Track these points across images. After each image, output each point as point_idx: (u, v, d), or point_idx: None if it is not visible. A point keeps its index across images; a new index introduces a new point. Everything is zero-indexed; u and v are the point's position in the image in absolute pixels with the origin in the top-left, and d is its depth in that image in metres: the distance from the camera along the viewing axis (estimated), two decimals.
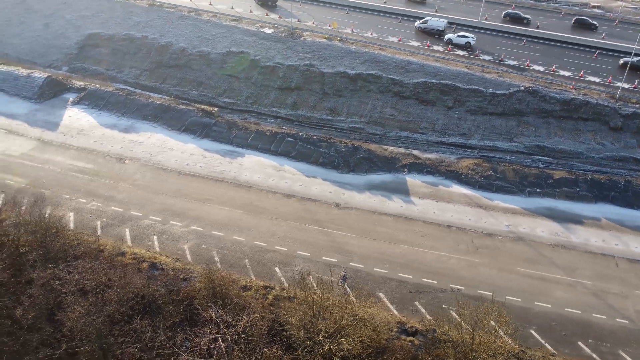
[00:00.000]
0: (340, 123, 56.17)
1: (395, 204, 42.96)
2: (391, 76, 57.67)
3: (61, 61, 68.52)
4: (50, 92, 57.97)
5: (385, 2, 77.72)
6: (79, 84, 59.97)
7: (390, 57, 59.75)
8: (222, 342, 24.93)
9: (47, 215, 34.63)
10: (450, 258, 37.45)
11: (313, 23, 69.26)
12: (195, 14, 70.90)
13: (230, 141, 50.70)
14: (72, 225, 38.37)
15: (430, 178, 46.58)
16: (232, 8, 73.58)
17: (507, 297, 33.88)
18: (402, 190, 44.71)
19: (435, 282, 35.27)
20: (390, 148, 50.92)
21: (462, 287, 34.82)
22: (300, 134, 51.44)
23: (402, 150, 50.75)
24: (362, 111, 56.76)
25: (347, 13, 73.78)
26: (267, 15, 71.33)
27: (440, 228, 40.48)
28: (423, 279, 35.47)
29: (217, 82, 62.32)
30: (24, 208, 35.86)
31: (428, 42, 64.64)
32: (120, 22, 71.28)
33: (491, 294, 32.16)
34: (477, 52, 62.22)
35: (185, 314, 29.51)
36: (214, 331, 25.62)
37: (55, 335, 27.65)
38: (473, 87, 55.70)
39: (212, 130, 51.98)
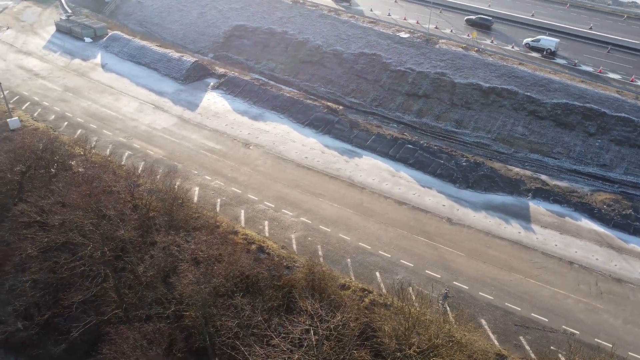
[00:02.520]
0: (464, 136, 53.92)
1: (513, 229, 40.15)
2: (528, 93, 53.99)
3: (208, 48, 74.42)
4: (195, 76, 63.21)
5: (532, 15, 72.92)
6: (221, 70, 64.56)
7: (530, 74, 55.93)
8: (314, 334, 25.21)
9: (176, 187, 37.80)
10: (568, 297, 34.09)
11: (451, 31, 67.26)
12: (334, 13, 72.60)
13: (350, 140, 51.15)
14: (195, 199, 41.45)
15: (557, 207, 42.81)
16: (371, 10, 74.10)
17: (630, 353, 30.01)
18: (523, 216, 41.64)
19: (546, 320, 32.34)
20: (516, 169, 47.70)
21: (577, 332, 31.52)
22: (422, 142, 50.28)
23: (528, 173, 47.27)
24: (491, 127, 53.89)
25: (491, 24, 70.44)
26: (404, 19, 70.74)
27: (560, 263, 37.03)
28: (533, 314, 32.72)
29: (346, 81, 63.25)
30: (158, 177, 39.51)
31: (575, 62, 59.46)
32: (264, 16, 75.44)
33: (611, 345, 28.67)
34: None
35: (284, 300, 30.39)
36: (307, 322, 26.00)
37: (167, 296, 30.06)
38: (623, 115, 50.09)
39: (334, 127, 52.88)
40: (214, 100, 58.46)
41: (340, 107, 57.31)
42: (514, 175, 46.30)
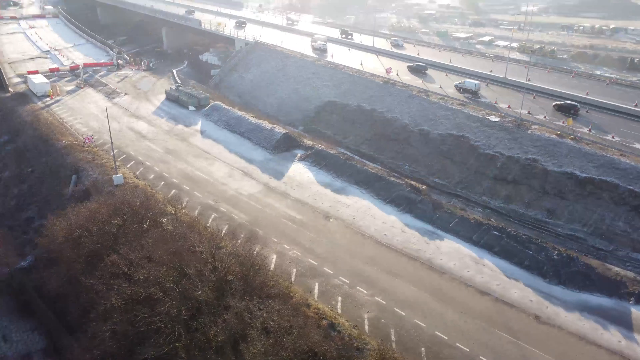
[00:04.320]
0: (557, 227, 50.63)
1: (613, 337, 35.96)
2: (631, 187, 50.18)
3: (299, 121, 78.02)
4: (284, 146, 66.02)
5: (636, 105, 69.30)
6: (309, 143, 66.97)
7: (634, 166, 52.25)
8: None
9: (255, 252, 38.46)
10: None
11: (545, 117, 65.42)
12: (424, 94, 73.76)
13: (432, 221, 49.85)
14: (272, 267, 41.79)
15: None
16: (460, 91, 74.47)
17: None
18: (624, 323, 37.29)
19: None
20: (616, 269, 43.44)
21: None
22: (509, 229, 47.77)
23: (631, 274, 42.80)
24: (587, 219, 50.28)
25: (587, 112, 67.86)
26: (495, 103, 70.15)
27: None
28: None
29: (431, 161, 62.88)
30: (239, 241, 40.57)
31: None
32: (355, 94, 78.34)
33: None
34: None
35: None
36: None
37: None
38: None
39: (416, 206, 52.03)
40: (299, 171, 60.26)
41: (424, 187, 56.59)
42: (614, 275, 42.15)
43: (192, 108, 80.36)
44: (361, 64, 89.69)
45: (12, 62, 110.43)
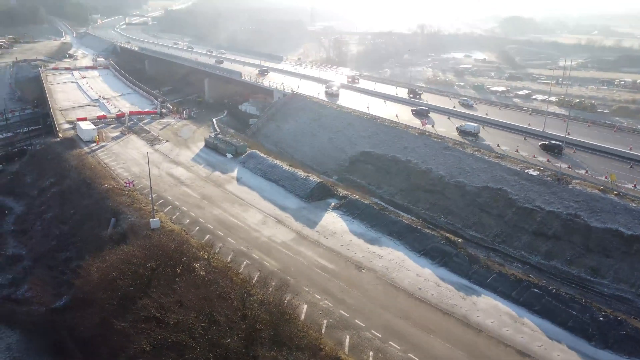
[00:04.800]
0: (602, 287, 48.11)
1: None
2: None
3: (333, 171, 78.54)
4: (318, 195, 66.24)
5: None
6: (342, 192, 67.01)
7: None
8: None
9: (285, 301, 37.91)
10: None
11: (586, 172, 63.68)
12: (459, 146, 73.38)
13: (469, 276, 48.25)
14: (302, 317, 40.97)
15: None
16: (498, 145, 73.72)
17: None
18: None
19: None
20: None
21: None
22: (550, 287, 45.61)
23: None
24: (635, 280, 47.63)
25: (631, 167, 65.73)
26: (534, 157, 69.00)
27: None
28: None
29: (467, 213, 61.66)
30: (270, 289, 40.12)
31: None
32: (389, 145, 78.66)
33: None
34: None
35: None
36: None
37: None
38: None
39: (451, 260, 50.63)
40: (332, 220, 60.05)
41: (460, 240, 55.22)
42: None
43: (229, 155, 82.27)
44: (396, 116, 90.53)
45: (64, 110, 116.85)
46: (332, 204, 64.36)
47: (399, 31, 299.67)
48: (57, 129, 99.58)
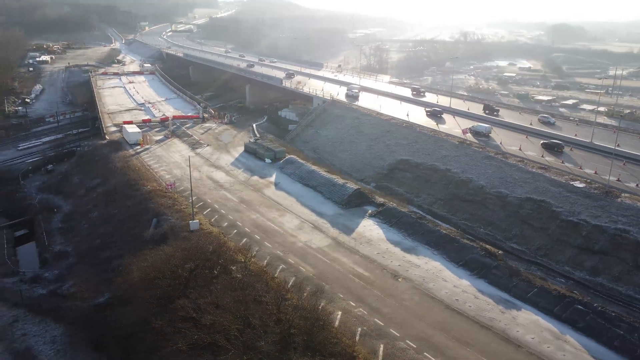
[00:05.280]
0: None
1: None
2: None
3: (371, 178, 78.09)
4: (355, 202, 65.96)
5: None
6: (380, 200, 66.50)
7: None
8: None
9: (320, 307, 37.84)
10: None
11: (637, 185, 60.94)
12: (501, 156, 71.64)
13: (509, 289, 46.84)
14: (336, 324, 40.75)
15: None
16: (542, 156, 71.58)
17: None
18: None
19: None
20: None
21: None
22: (595, 304, 43.72)
23: None
24: None
25: None
26: (580, 168, 66.58)
27: None
28: None
29: (508, 225, 60.00)
30: (305, 294, 40.17)
31: None
32: (428, 153, 77.62)
33: None
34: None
35: None
36: None
37: None
38: None
39: (491, 272, 49.32)
40: (369, 228, 59.63)
41: (500, 252, 53.76)
42: None
43: (268, 161, 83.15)
44: (436, 125, 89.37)
45: (111, 113, 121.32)
46: (369, 211, 63.93)
47: (441, 39, 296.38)
48: (105, 131, 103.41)
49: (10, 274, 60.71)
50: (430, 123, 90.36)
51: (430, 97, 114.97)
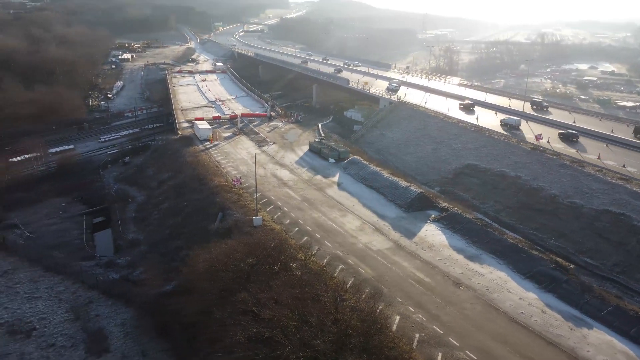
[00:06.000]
0: None
1: None
2: None
3: (436, 182, 76.38)
4: (418, 206, 64.81)
5: None
6: (444, 204, 64.90)
7: None
8: None
9: (378, 310, 37.50)
10: None
11: None
12: (577, 164, 67.73)
13: (579, 306, 44.21)
14: (394, 328, 40.22)
15: None
16: (624, 166, 66.89)
17: None
18: None
19: None
20: None
21: None
22: None
23: None
24: None
25: None
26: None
27: None
28: None
29: (581, 237, 56.64)
30: (363, 296, 39.96)
31: None
32: (497, 159, 74.79)
33: None
34: None
35: None
36: None
37: None
38: None
39: (560, 286, 46.75)
40: (431, 233, 58.38)
41: (571, 266, 50.86)
42: None
43: (332, 160, 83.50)
44: (507, 129, 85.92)
45: (184, 109, 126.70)
46: (432, 215, 62.59)
47: (517, 40, 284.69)
48: (177, 127, 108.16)
49: (88, 258, 65.02)
50: (497, 127, 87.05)
51: (501, 101, 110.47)
